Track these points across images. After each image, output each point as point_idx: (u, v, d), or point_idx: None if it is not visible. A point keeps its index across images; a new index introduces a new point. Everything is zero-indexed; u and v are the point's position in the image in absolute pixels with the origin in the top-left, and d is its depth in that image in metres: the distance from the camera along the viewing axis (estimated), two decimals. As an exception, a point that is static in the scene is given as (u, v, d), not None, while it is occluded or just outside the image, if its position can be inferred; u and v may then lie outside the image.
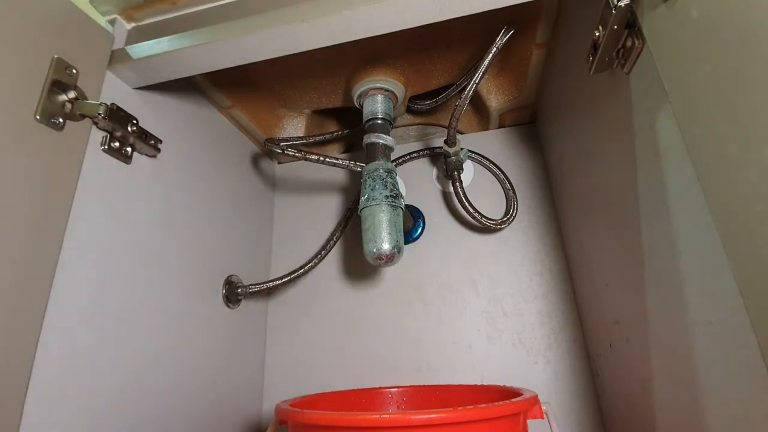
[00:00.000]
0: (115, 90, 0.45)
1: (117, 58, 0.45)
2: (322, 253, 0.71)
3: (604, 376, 0.53)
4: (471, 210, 0.62)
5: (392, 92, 0.60)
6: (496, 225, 0.63)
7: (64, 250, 0.38)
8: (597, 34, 0.35)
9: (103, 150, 0.43)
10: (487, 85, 0.68)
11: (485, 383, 0.61)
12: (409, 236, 0.70)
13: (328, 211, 0.77)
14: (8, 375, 0.33)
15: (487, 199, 0.70)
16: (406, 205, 0.61)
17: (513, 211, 0.66)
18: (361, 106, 0.61)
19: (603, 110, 0.42)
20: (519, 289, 0.65)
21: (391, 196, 0.52)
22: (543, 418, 0.38)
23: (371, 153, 0.57)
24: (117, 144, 0.44)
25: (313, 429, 0.36)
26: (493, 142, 0.74)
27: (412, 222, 0.71)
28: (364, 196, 0.53)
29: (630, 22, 0.32)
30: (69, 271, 0.38)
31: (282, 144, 0.62)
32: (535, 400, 0.38)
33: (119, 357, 0.43)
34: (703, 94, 0.25)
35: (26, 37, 0.36)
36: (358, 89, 0.60)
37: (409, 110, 0.74)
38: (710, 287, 0.27)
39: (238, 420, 0.61)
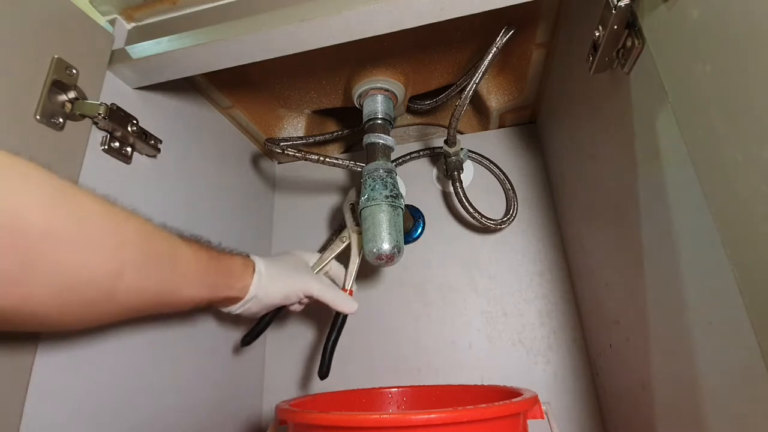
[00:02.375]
0: (115, 90, 0.45)
1: (117, 58, 0.45)
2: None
3: (604, 376, 0.53)
4: (471, 210, 0.62)
5: (392, 92, 0.60)
6: (496, 225, 0.63)
7: (64, 250, 0.38)
8: (597, 34, 0.35)
9: (103, 150, 0.43)
10: (487, 85, 0.68)
11: (485, 383, 0.61)
12: (409, 236, 0.70)
13: (328, 211, 0.77)
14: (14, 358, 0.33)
15: (487, 199, 0.70)
16: (406, 205, 0.61)
17: (513, 211, 0.66)
18: (361, 106, 0.61)
19: (603, 110, 0.42)
20: (519, 289, 0.65)
21: (391, 196, 0.52)
22: (543, 418, 0.38)
23: (371, 153, 0.57)
24: (117, 144, 0.44)
25: (313, 429, 0.36)
26: (493, 142, 0.74)
27: (412, 222, 0.71)
28: (364, 196, 0.53)
29: (630, 22, 0.32)
30: (69, 271, 0.38)
31: (282, 144, 0.62)
32: (535, 400, 0.38)
33: (119, 356, 0.43)
34: (703, 94, 0.25)
35: (26, 37, 0.36)
36: (358, 89, 0.60)
37: (409, 110, 0.74)
38: (710, 287, 0.27)
39: (238, 420, 0.61)
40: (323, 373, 0.52)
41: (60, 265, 0.26)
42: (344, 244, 0.56)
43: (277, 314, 0.53)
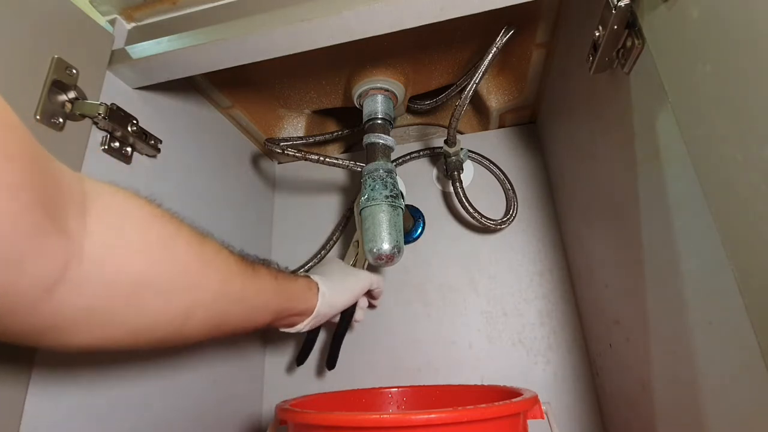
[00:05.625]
0: (115, 90, 0.45)
1: (117, 58, 0.45)
2: (322, 253, 0.72)
3: (604, 376, 0.53)
4: (471, 210, 0.62)
5: (392, 92, 0.60)
6: (496, 225, 0.63)
7: (64, 250, 0.38)
8: (597, 34, 0.35)
9: (103, 150, 0.43)
10: (487, 85, 0.68)
11: (485, 383, 0.61)
12: (409, 236, 0.70)
13: (328, 211, 0.77)
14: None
15: (487, 199, 0.70)
16: (406, 205, 0.61)
17: (513, 211, 0.66)
18: (361, 106, 0.61)
19: (603, 110, 0.42)
20: (519, 289, 0.65)
21: (391, 196, 0.52)
22: (543, 418, 0.38)
23: (371, 153, 0.57)
24: (117, 144, 0.44)
25: (313, 429, 0.36)
26: (493, 142, 0.74)
27: (412, 222, 0.71)
28: (364, 196, 0.53)
29: (630, 22, 0.32)
30: (69, 271, 0.38)
31: (282, 144, 0.62)
32: (535, 400, 0.38)
33: (119, 356, 0.43)
34: (703, 94, 0.25)
35: (26, 37, 0.36)
36: (358, 89, 0.60)
37: (409, 110, 0.74)
38: (710, 287, 0.27)
39: (238, 420, 0.61)
40: (331, 364, 0.57)
41: (142, 309, 0.28)
42: (358, 250, 0.58)
43: (320, 329, 0.59)
